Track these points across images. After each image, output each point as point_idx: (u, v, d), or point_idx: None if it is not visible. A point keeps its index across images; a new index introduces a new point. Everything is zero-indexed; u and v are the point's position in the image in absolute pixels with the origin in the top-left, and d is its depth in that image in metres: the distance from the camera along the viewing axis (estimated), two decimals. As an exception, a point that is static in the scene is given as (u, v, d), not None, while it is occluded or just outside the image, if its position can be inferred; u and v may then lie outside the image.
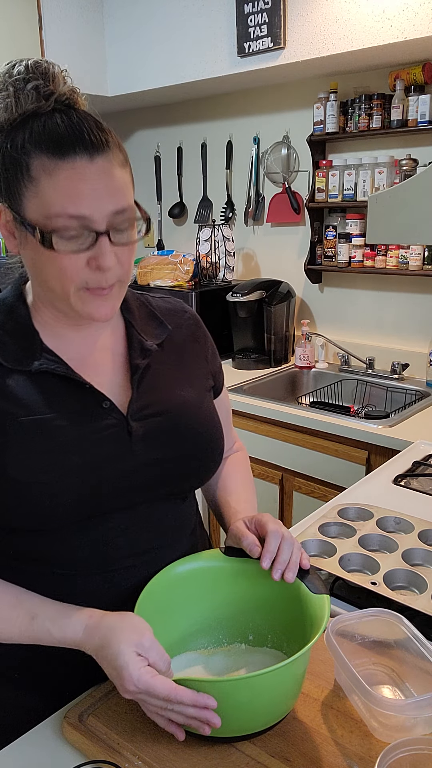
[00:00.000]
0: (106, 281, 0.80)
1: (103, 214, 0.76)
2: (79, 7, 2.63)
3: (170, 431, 0.90)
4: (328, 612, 0.79)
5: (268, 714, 0.77)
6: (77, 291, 0.80)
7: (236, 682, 0.73)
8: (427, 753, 0.71)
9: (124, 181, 0.79)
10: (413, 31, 1.93)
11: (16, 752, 0.80)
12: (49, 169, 0.75)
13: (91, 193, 0.75)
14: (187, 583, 0.89)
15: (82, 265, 0.78)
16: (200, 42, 2.46)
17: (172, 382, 0.95)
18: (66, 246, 0.76)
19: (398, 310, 2.57)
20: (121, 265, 0.80)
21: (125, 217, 0.79)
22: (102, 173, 0.76)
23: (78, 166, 0.75)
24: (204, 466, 0.95)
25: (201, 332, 1.05)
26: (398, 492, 1.47)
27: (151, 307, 1.00)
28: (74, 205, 0.75)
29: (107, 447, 0.84)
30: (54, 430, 0.82)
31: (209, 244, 2.81)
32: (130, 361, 0.92)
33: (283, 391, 2.64)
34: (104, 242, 0.77)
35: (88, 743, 0.77)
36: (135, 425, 0.87)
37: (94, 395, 0.86)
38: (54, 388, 0.85)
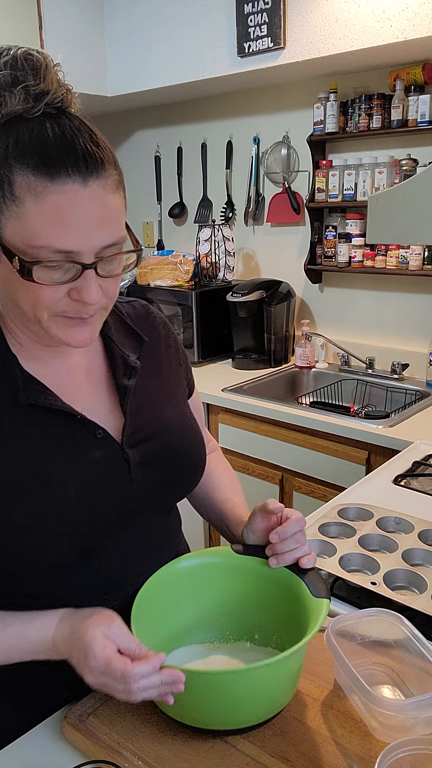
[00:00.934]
0: (87, 312, 0.74)
1: (91, 247, 0.69)
2: (79, 7, 2.63)
3: (162, 453, 0.88)
4: (325, 613, 0.79)
5: (261, 708, 0.78)
6: (51, 317, 0.73)
7: (224, 675, 0.74)
8: (427, 753, 0.71)
9: (117, 207, 0.72)
10: (413, 31, 1.93)
11: (16, 752, 0.80)
12: (36, 191, 0.66)
13: (81, 224, 0.68)
14: (193, 577, 0.90)
15: (62, 296, 0.71)
16: (200, 42, 2.45)
17: (158, 400, 0.91)
18: (47, 277, 0.69)
19: (398, 310, 2.57)
20: (106, 295, 0.75)
21: (115, 248, 0.72)
22: (94, 201, 0.68)
23: (69, 191, 0.66)
24: (193, 479, 0.94)
25: (171, 335, 1.00)
26: (398, 492, 1.47)
27: (122, 315, 0.94)
28: (61, 239, 0.67)
29: (105, 479, 0.81)
30: (44, 467, 0.77)
31: (209, 244, 2.81)
32: (116, 382, 0.87)
33: (283, 391, 2.64)
34: (90, 275, 0.70)
35: (88, 743, 0.77)
36: (131, 452, 0.84)
37: (85, 426, 0.81)
38: (42, 421, 0.79)
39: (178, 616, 0.89)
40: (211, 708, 0.75)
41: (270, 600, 0.90)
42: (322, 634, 0.84)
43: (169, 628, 0.88)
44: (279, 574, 0.88)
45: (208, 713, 0.76)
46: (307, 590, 0.84)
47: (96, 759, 0.75)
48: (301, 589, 0.85)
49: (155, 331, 0.97)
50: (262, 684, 0.75)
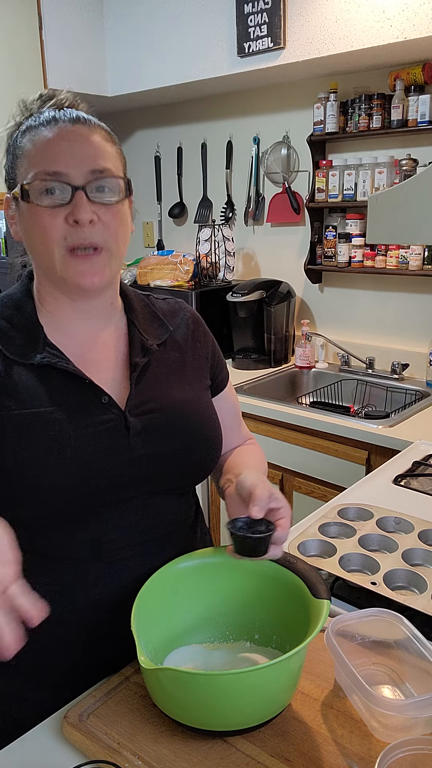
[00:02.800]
0: (85, 237, 0.82)
1: (79, 171, 0.81)
2: (79, 7, 2.63)
3: (167, 427, 0.91)
4: (326, 614, 0.79)
5: (262, 709, 0.77)
6: (61, 255, 0.82)
7: (225, 676, 0.73)
8: (427, 753, 0.71)
9: (103, 147, 0.85)
10: (413, 31, 1.93)
11: (16, 752, 0.80)
12: (36, 138, 0.83)
13: (68, 150, 0.82)
14: (193, 577, 0.90)
15: (61, 221, 0.81)
16: (200, 42, 2.46)
17: (171, 381, 0.96)
18: (44, 200, 0.81)
19: (398, 310, 2.57)
20: (104, 226, 0.83)
21: (104, 177, 0.83)
22: (81, 137, 0.83)
23: (59, 129, 0.83)
24: (200, 463, 0.96)
25: (201, 330, 1.06)
26: (398, 492, 1.47)
27: (153, 307, 1.02)
28: (52, 163, 0.81)
29: (104, 441, 0.85)
30: (50, 424, 0.83)
31: (209, 244, 2.81)
32: (130, 359, 0.93)
33: (283, 391, 2.64)
34: (80, 197, 0.81)
35: (88, 743, 0.77)
36: (133, 420, 0.88)
37: (93, 390, 0.87)
38: (54, 381, 0.86)
39: (178, 615, 0.89)
40: (213, 709, 0.75)
41: (270, 600, 0.90)
42: (322, 634, 0.84)
43: (169, 627, 0.88)
44: (279, 574, 0.88)
45: (210, 714, 0.75)
46: (307, 590, 0.84)
47: (96, 759, 0.75)
48: (302, 589, 0.85)
49: (184, 324, 1.03)
50: (263, 685, 0.75)
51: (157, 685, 0.76)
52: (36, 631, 0.86)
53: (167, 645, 0.87)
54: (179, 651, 0.88)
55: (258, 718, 0.78)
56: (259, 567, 0.89)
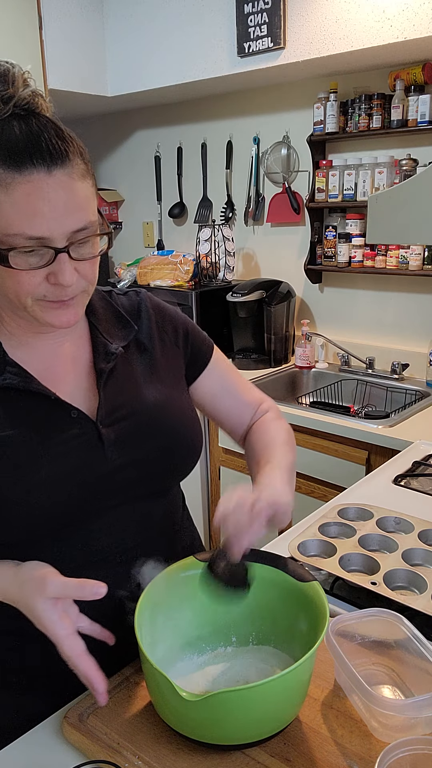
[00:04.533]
0: (66, 295, 0.78)
1: (62, 232, 0.74)
2: (79, 7, 2.63)
3: (141, 433, 0.89)
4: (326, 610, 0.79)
5: (280, 718, 0.77)
6: (34, 302, 0.78)
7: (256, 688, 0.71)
8: (427, 753, 0.71)
9: (84, 195, 0.76)
10: (413, 31, 1.93)
11: (16, 752, 0.80)
12: (6, 183, 0.72)
13: (50, 212, 0.73)
14: (171, 594, 0.88)
15: (41, 280, 0.76)
16: (200, 42, 2.45)
17: (141, 383, 0.93)
18: (23, 263, 0.74)
19: (398, 310, 2.57)
20: (83, 277, 0.79)
21: (86, 232, 0.77)
22: (61, 188, 0.73)
23: (35, 180, 0.72)
24: (181, 462, 0.94)
25: (166, 317, 1.01)
26: (398, 492, 1.47)
27: (116, 306, 0.98)
28: (32, 227, 0.72)
29: (78, 456, 0.83)
30: (19, 447, 0.81)
31: (209, 244, 2.81)
32: (95, 366, 0.90)
33: (283, 391, 2.64)
34: (63, 259, 0.75)
35: (88, 743, 0.77)
36: (105, 431, 0.86)
37: (60, 406, 0.85)
38: (18, 402, 0.83)
39: (170, 630, 0.88)
40: (226, 725, 0.73)
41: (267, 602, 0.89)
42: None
43: (164, 643, 0.86)
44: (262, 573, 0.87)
45: (224, 730, 0.74)
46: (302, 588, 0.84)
47: (96, 759, 0.75)
48: (288, 582, 0.85)
49: (146, 318, 0.99)
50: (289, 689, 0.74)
51: (190, 714, 0.73)
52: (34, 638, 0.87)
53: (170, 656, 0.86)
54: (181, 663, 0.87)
55: (271, 729, 0.77)
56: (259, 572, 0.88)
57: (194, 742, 0.76)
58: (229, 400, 1.04)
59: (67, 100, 2.78)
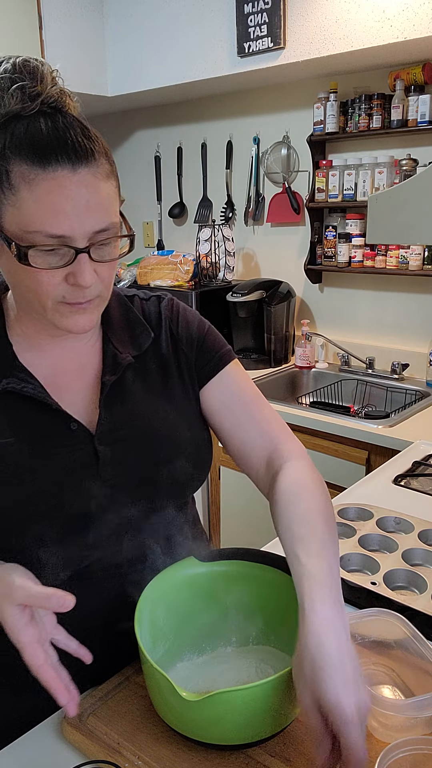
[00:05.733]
0: (84, 297, 0.77)
1: (83, 232, 0.72)
2: (80, 7, 2.63)
3: (140, 456, 0.85)
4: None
5: (280, 718, 0.76)
6: (54, 305, 0.77)
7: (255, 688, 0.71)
8: (427, 753, 0.71)
9: (108, 195, 0.74)
10: (413, 31, 1.93)
11: (16, 752, 0.80)
12: (29, 179, 0.70)
13: (73, 210, 0.71)
14: (171, 594, 0.87)
15: (60, 281, 0.75)
16: (200, 42, 2.45)
17: (148, 399, 0.89)
18: (43, 262, 0.73)
19: (398, 310, 2.57)
20: (101, 280, 0.78)
21: (108, 234, 0.75)
22: (85, 187, 0.71)
23: (59, 177, 0.70)
24: (177, 489, 0.90)
25: (178, 319, 0.97)
26: (398, 492, 1.47)
27: (136, 311, 0.94)
28: (54, 224, 0.71)
29: (72, 471, 0.81)
30: (12, 456, 0.79)
31: (209, 244, 2.81)
32: (101, 378, 0.87)
33: (283, 391, 2.64)
34: (84, 259, 0.74)
35: (88, 743, 0.77)
36: (102, 449, 0.83)
37: (61, 416, 0.82)
38: (20, 408, 0.81)
39: (170, 630, 0.87)
40: (226, 725, 0.73)
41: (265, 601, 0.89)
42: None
43: (164, 644, 0.86)
44: (257, 572, 0.87)
45: (224, 730, 0.74)
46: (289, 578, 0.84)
47: (96, 759, 0.75)
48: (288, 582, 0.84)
49: (165, 325, 0.95)
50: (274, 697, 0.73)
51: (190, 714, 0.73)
52: None
53: (170, 656, 0.86)
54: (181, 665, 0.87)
55: (277, 726, 0.76)
56: (247, 571, 0.89)
57: (194, 742, 0.76)
58: (238, 417, 0.94)
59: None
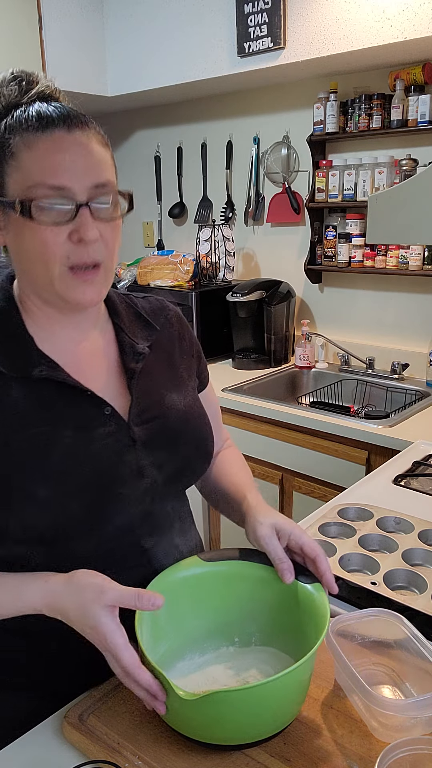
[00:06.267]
0: (89, 255, 0.79)
1: (83, 185, 0.77)
2: (80, 7, 2.63)
3: (169, 434, 0.90)
4: (327, 611, 0.79)
5: (280, 718, 0.77)
6: (61, 273, 0.79)
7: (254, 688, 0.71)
8: (427, 753, 0.71)
9: (103, 157, 0.80)
10: (413, 31, 1.93)
11: (16, 752, 0.80)
12: (29, 141, 0.76)
13: (71, 165, 0.76)
14: (174, 593, 0.87)
15: (64, 239, 0.77)
16: (200, 42, 2.45)
17: (164, 385, 0.95)
18: (47, 218, 0.76)
19: (398, 310, 2.57)
20: (105, 243, 0.80)
21: (106, 191, 0.79)
22: (80, 146, 0.77)
23: (56, 137, 0.76)
24: (198, 465, 0.96)
25: (186, 329, 1.05)
26: (398, 492, 1.47)
27: (136, 308, 0.99)
28: (54, 176, 0.76)
29: (113, 454, 0.84)
30: (58, 443, 0.81)
31: (209, 244, 2.81)
32: (124, 365, 0.91)
33: (283, 391, 2.64)
34: (85, 213, 0.77)
35: (88, 743, 0.77)
36: (137, 430, 0.87)
37: (94, 402, 0.85)
38: (54, 396, 0.83)
39: (172, 629, 0.88)
40: (226, 725, 0.73)
41: (263, 601, 0.89)
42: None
43: (166, 642, 0.86)
44: (263, 574, 0.87)
45: (224, 730, 0.74)
46: (301, 586, 0.84)
47: (96, 759, 0.75)
48: (292, 584, 0.85)
49: (168, 323, 1.01)
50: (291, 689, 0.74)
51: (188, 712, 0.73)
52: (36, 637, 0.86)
53: (170, 657, 0.86)
54: (183, 662, 0.87)
55: (274, 728, 0.77)
56: (247, 571, 0.89)
57: (194, 742, 0.76)
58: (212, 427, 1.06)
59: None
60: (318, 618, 0.79)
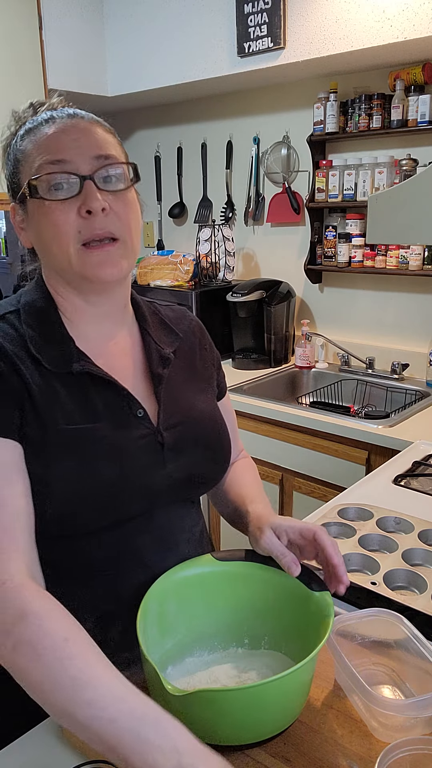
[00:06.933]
0: (100, 227, 0.80)
1: (84, 158, 0.80)
2: (79, 7, 2.63)
3: (192, 440, 0.92)
4: (332, 614, 0.79)
5: (280, 719, 0.77)
6: (76, 250, 0.81)
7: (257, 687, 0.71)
8: (427, 753, 0.71)
9: (105, 137, 0.84)
10: (413, 31, 1.93)
11: (16, 752, 0.80)
12: (35, 136, 0.82)
13: (72, 142, 0.81)
14: (193, 586, 0.89)
15: (74, 216, 0.80)
16: (200, 42, 2.45)
17: (188, 391, 0.97)
18: (53, 194, 0.79)
19: (398, 310, 2.57)
20: (116, 216, 0.82)
21: (109, 163, 0.82)
22: (82, 129, 0.82)
23: (59, 123, 0.82)
24: (218, 471, 0.98)
25: (206, 339, 1.07)
26: (398, 492, 1.47)
27: (160, 314, 1.02)
28: (54, 151, 0.80)
29: (142, 456, 0.85)
30: (99, 440, 0.82)
31: (209, 244, 2.81)
32: (151, 370, 0.93)
33: (283, 391, 2.64)
34: (89, 186, 0.79)
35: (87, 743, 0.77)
36: (166, 435, 0.88)
37: (129, 402, 0.87)
38: (93, 392, 0.85)
39: (182, 624, 0.88)
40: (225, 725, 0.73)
41: (266, 602, 0.89)
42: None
43: (174, 637, 0.87)
44: (278, 579, 0.87)
45: (223, 730, 0.74)
46: (304, 588, 0.84)
47: (96, 759, 0.75)
48: (299, 586, 0.84)
49: (190, 332, 1.04)
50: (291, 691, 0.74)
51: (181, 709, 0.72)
52: None
53: (173, 656, 0.86)
54: (186, 661, 0.87)
55: (273, 729, 0.77)
56: (250, 571, 0.89)
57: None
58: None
59: (67, 100, 2.77)
60: (321, 626, 0.79)
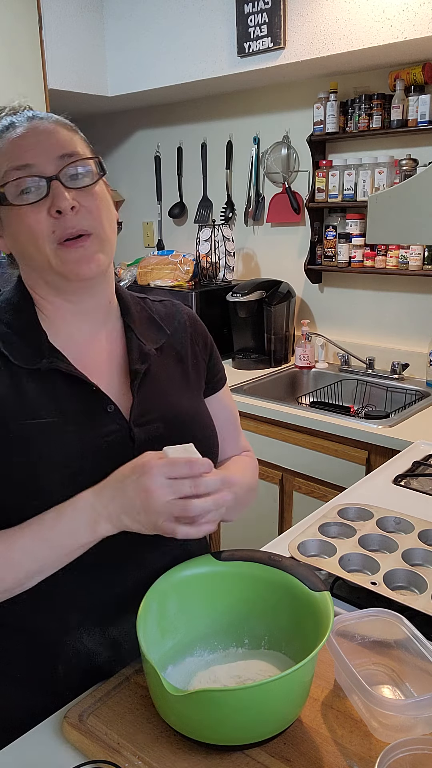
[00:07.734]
0: (72, 225, 0.81)
1: (48, 159, 0.81)
2: (79, 8, 2.63)
3: (168, 438, 0.89)
4: (331, 609, 0.79)
5: (279, 720, 0.77)
6: (52, 249, 0.81)
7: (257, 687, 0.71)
8: (427, 753, 0.71)
9: (67, 135, 0.84)
10: (413, 31, 1.93)
11: (16, 752, 0.80)
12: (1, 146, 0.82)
13: (34, 145, 0.81)
14: (186, 589, 0.88)
15: (45, 216, 0.80)
16: (200, 42, 2.46)
17: (170, 388, 0.95)
18: (23, 199, 0.80)
19: (398, 310, 2.57)
20: (87, 212, 0.82)
21: (74, 161, 0.82)
22: (43, 130, 0.82)
23: (19, 128, 0.83)
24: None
25: (199, 331, 1.05)
26: (398, 492, 1.47)
27: (150, 311, 1.00)
28: (18, 156, 0.80)
29: (111, 452, 0.84)
30: (59, 435, 0.82)
31: (209, 244, 2.81)
32: (129, 366, 0.92)
33: (283, 391, 2.64)
34: (56, 186, 0.80)
35: (88, 743, 0.77)
36: (137, 431, 0.87)
37: (99, 398, 0.86)
38: (60, 388, 0.85)
39: (182, 624, 0.88)
40: (225, 725, 0.73)
41: (266, 602, 0.89)
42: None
43: (174, 637, 0.87)
44: (279, 579, 0.87)
45: (223, 730, 0.74)
46: (304, 587, 0.84)
47: (96, 759, 0.75)
48: (298, 586, 0.85)
49: (181, 327, 1.02)
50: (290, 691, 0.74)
51: (181, 709, 0.73)
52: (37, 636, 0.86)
53: (173, 656, 0.86)
54: (186, 662, 0.87)
55: (274, 729, 0.77)
56: (248, 571, 0.89)
57: (194, 742, 0.76)
58: (224, 436, 1.04)
59: (67, 100, 2.78)
60: (321, 627, 0.79)
